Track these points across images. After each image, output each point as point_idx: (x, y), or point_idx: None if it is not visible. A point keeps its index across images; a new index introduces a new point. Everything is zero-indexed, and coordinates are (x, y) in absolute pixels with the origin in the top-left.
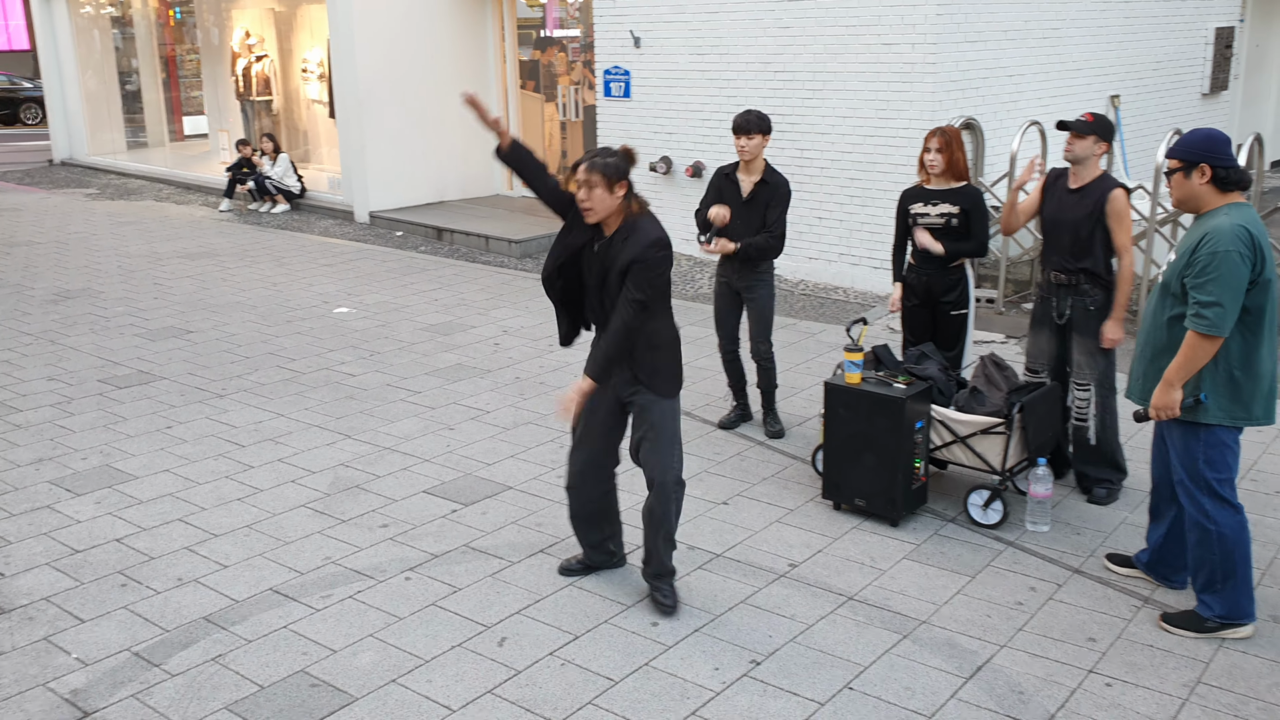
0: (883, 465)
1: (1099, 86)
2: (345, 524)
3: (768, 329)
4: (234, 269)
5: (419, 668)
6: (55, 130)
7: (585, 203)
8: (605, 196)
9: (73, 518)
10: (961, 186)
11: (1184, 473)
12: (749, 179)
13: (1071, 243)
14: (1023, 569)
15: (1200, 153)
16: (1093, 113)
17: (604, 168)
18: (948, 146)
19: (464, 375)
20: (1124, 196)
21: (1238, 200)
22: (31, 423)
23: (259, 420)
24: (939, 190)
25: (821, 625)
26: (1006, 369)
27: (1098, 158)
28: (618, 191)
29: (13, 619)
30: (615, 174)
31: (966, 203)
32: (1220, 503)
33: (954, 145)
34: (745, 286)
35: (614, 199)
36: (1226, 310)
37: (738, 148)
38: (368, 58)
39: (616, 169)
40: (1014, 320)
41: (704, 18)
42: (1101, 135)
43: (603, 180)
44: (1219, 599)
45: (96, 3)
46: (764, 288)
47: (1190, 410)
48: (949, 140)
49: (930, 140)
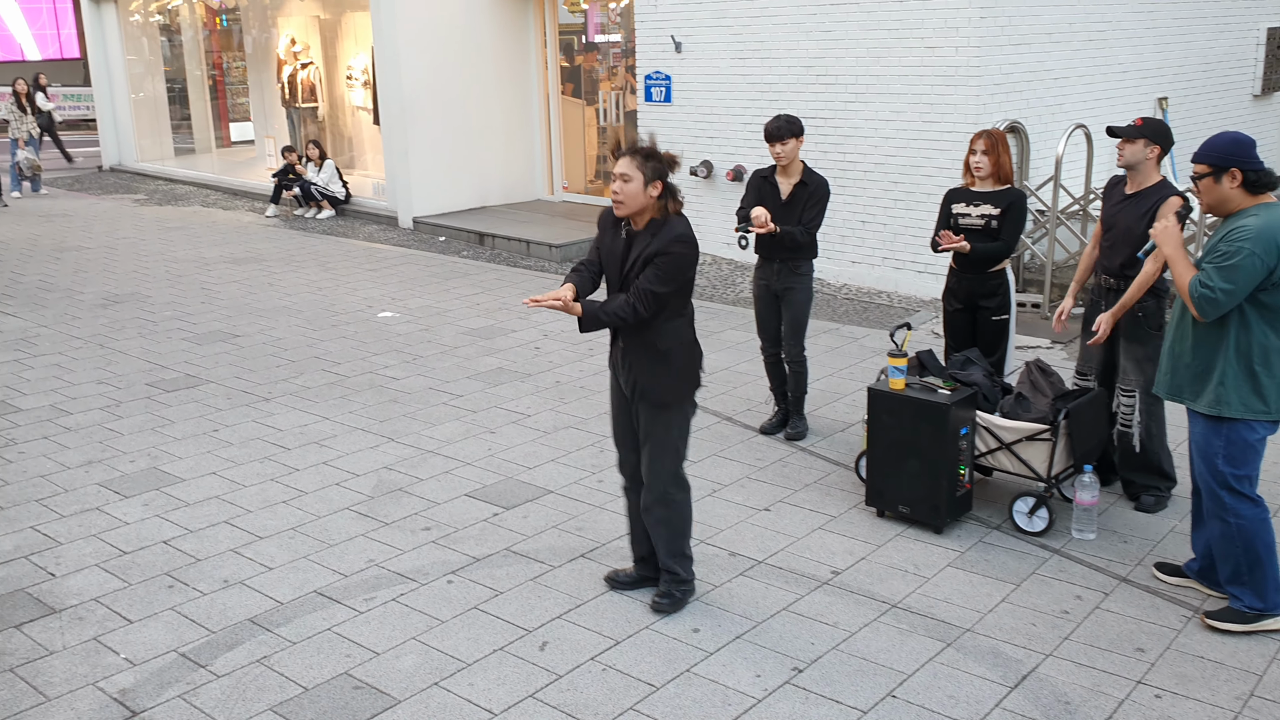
0: (927, 472)
1: (1146, 89)
2: (388, 527)
3: (801, 332)
4: (280, 274)
5: (461, 671)
6: (105, 137)
7: (618, 195)
8: (638, 193)
9: (121, 519)
10: (1005, 189)
11: (1203, 465)
12: (788, 181)
13: (1125, 249)
14: (1069, 577)
15: (1230, 157)
16: (1144, 117)
17: (646, 154)
18: (994, 149)
19: (505, 379)
20: (1179, 205)
21: (1269, 201)
22: (81, 425)
23: (304, 423)
24: (982, 192)
25: (864, 633)
26: (1052, 374)
27: (1153, 162)
28: (651, 191)
29: (63, 619)
30: (653, 173)
31: (1005, 204)
32: (1238, 497)
33: (1000, 148)
34: (783, 289)
35: (646, 196)
36: (1233, 298)
37: (773, 154)
38: (411, 65)
39: (655, 169)
40: None
41: (745, 22)
42: (1153, 138)
43: (641, 176)
44: (1247, 590)
45: (145, 11)
46: (800, 291)
47: (1213, 405)
48: (995, 143)
49: (975, 143)
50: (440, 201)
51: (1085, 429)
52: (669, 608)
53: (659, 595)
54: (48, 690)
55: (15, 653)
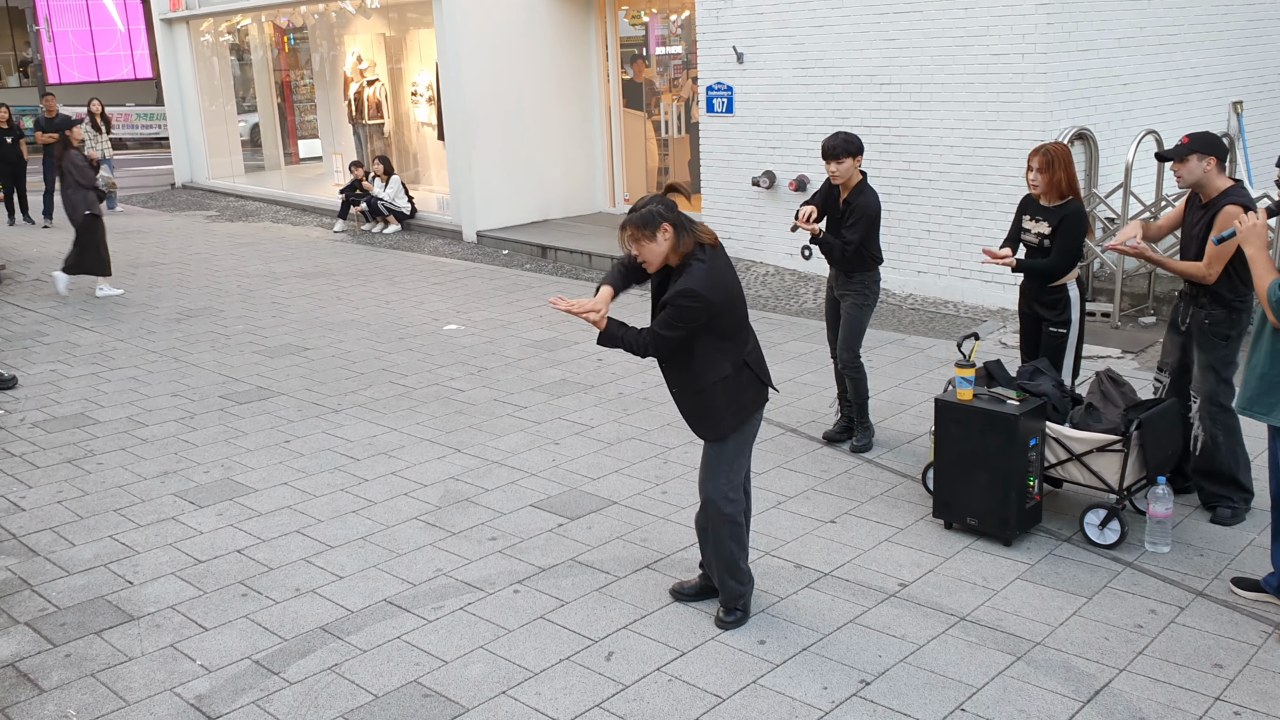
0: (995, 483)
1: (1219, 93)
2: (455, 536)
3: (854, 339)
4: (348, 288)
5: (528, 680)
6: (177, 155)
7: (640, 257)
8: (652, 246)
9: (196, 529)
10: (1062, 204)
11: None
12: (845, 193)
13: (1196, 255)
14: (1142, 591)
15: None
16: (1189, 134)
17: (638, 222)
18: (1048, 166)
19: (568, 390)
20: (1235, 213)
21: None
22: (157, 437)
23: (373, 434)
24: (1043, 208)
25: (932, 645)
26: (1123, 384)
27: (1215, 173)
28: (662, 238)
29: (141, 626)
30: (651, 223)
31: (1057, 220)
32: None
33: (1055, 164)
34: (842, 295)
35: (662, 245)
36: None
37: (828, 172)
38: (475, 80)
39: (650, 218)
40: (1130, 335)
41: (808, 31)
42: (1202, 150)
43: (642, 233)
44: None
45: (216, 32)
46: (856, 296)
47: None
48: (1051, 159)
49: (1032, 159)
50: (503, 215)
51: (1158, 440)
52: (733, 624)
53: (722, 613)
54: (127, 695)
55: (96, 658)
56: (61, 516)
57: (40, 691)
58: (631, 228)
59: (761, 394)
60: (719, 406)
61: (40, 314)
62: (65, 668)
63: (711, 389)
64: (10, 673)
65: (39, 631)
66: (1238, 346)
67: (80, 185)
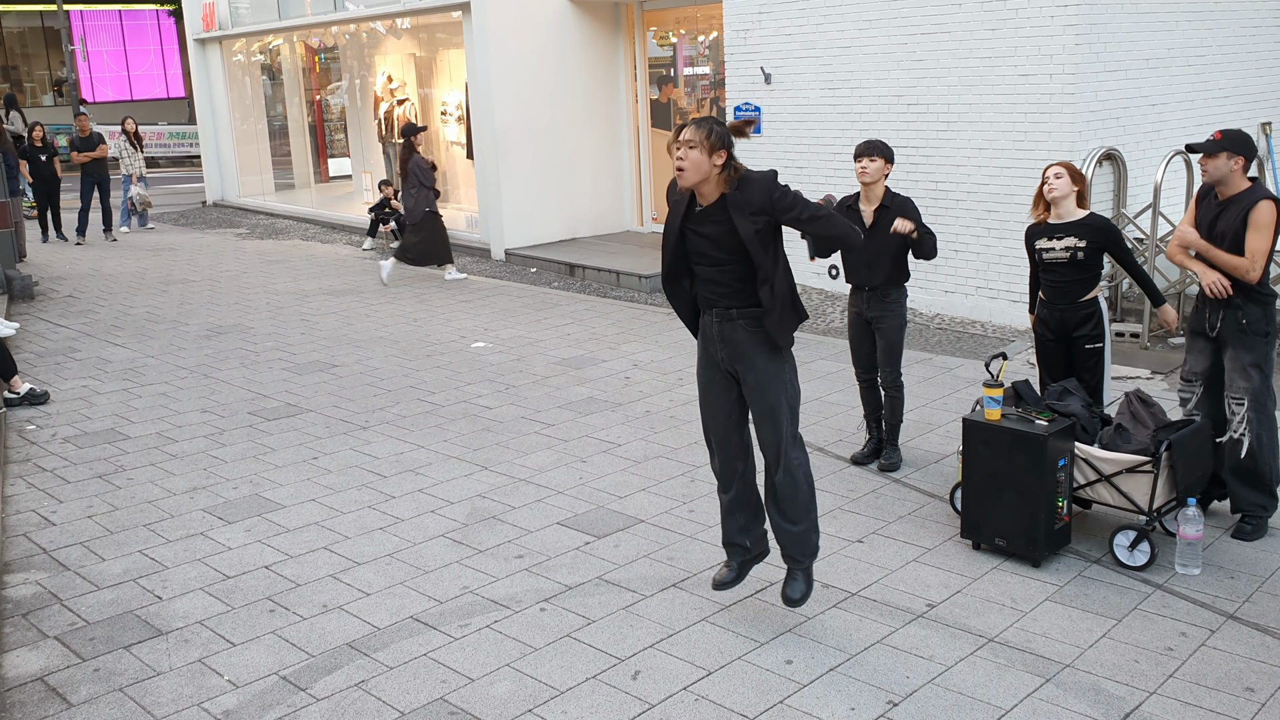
0: (1024, 504)
1: (1248, 114)
2: (482, 554)
3: (897, 358)
4: (376, 305)
5: (554, 699)
6: (209, 173)
7: (680, 162)
8: (702, 160)
9: (224, 545)
10: (1085, 217)
11: None
12: (869, 208)
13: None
14: (1173, 613)
15: None
16: (1222, 130)
17: (708, 130)
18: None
19: (596, 409)
20: (1271, 207)
21: None
22: (186, 453)
23: (400, 451)
24: (1062, 224)
25: (960, 667)
26: (1153, 405)
27: (1239, 172)
28: (715, 159)
29: (169, 641)
30: (717, 141)
31: (1094, 235)
32: None
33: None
34: (875, 316)
35: (710, 165)
36: None
37: (859, 170)
38: (504, 100)
39: (720, 136)
40: (1160, 355)
41: (835, 52)
42: (1233, 149)
43: (704, 142)
44: None
45: (248, 51)
46: (893, 318)
47: None
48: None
49: (1048, 170)
50: (531, 233)
51: (1188, 461)
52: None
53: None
54: (155, 710)
55: (124, 673)
56: (91, 531)
57: (69, 706)
58: (695, 129)
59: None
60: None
61: (72, 330)
62: (94, 682)
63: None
64: (39, 687)
65: (68, 646)
66: (1275, 342)
67: (422, 185)
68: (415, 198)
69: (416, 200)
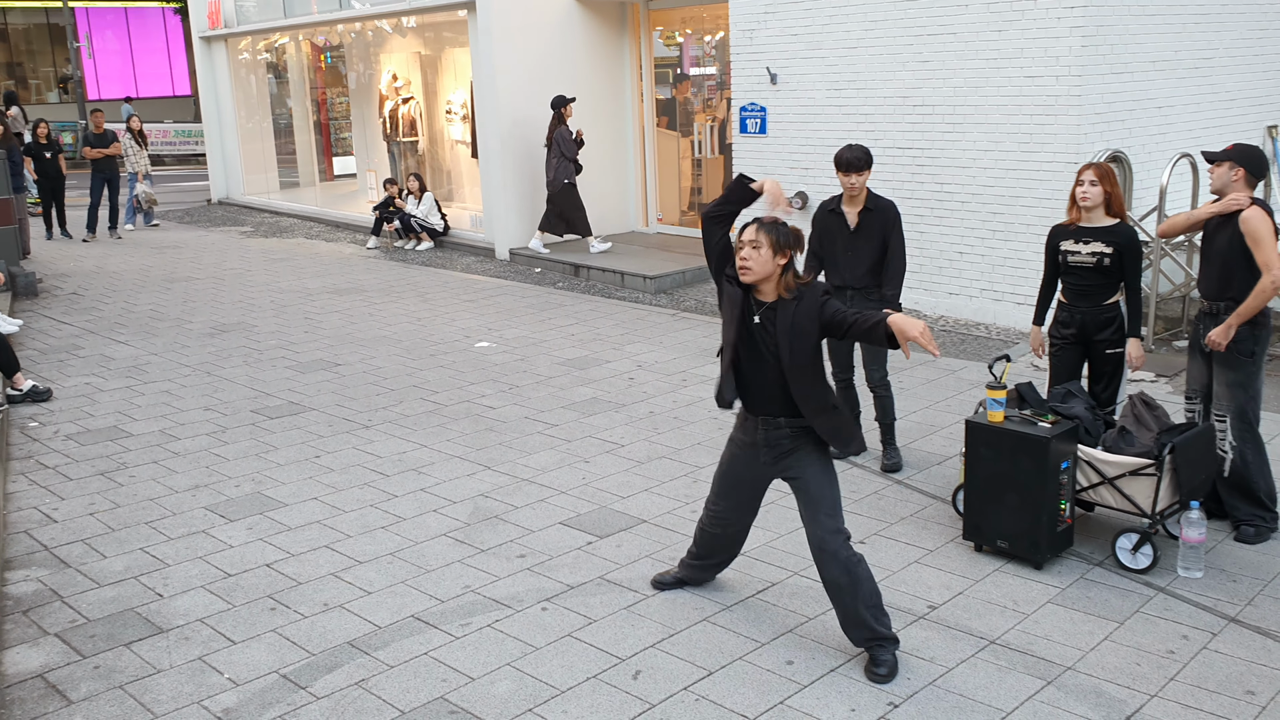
0: (1026, 506)
1: (1255, 117)
2: (484, 553)
3: (883, 359)
4: (380, 304)
5: (555, 698)
6: (214, 171)
7: (746, 261)
8: (768, 261)
9: (226, 543)
10: (1115, 224)
11: None
12: (853, 210)
13: (1217, 272)
14: (1174, 616)
15: None
16: (1235, 143)
17: (774, 233)
18: (1104, 179)
19: (599, 409)
20: (1258, 214)
21: None
22: (189, 450)
23: (403, 450)
24: (1091, 228)
25: (962, 669)
26: (1157, 408)
27: (1239, 183)
28: (779, 260)
29: (170, 638)
30: (784, 242)
31: (1121, 242)
32: None
33: (1109, 179)
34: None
35: (774, 265)
36: None
37: (846, 184)
38: (509, 99)
39: (786, 238)
40: (1165, 359)
41: (841, 53)
42: (1240, 162)
43: (770, 244)
44: None
45: (253, 50)
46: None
47: None
48: (1105, 173)
49: (1084, 173)
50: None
51: (1192, 464)
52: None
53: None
54: (155, 708)
55: (125, 670)
56: (93, 529)
57: (69, 703)
58: (765, 232)
59: None
60: (847, 420)
61: (76, 327)
62: (94, 679)
63: (838, 407)
64: (39, 684)
65: (69, 643)
66: (1263, 362)
67: (564, 157)
68: (556, 169)
69: (557, 171)
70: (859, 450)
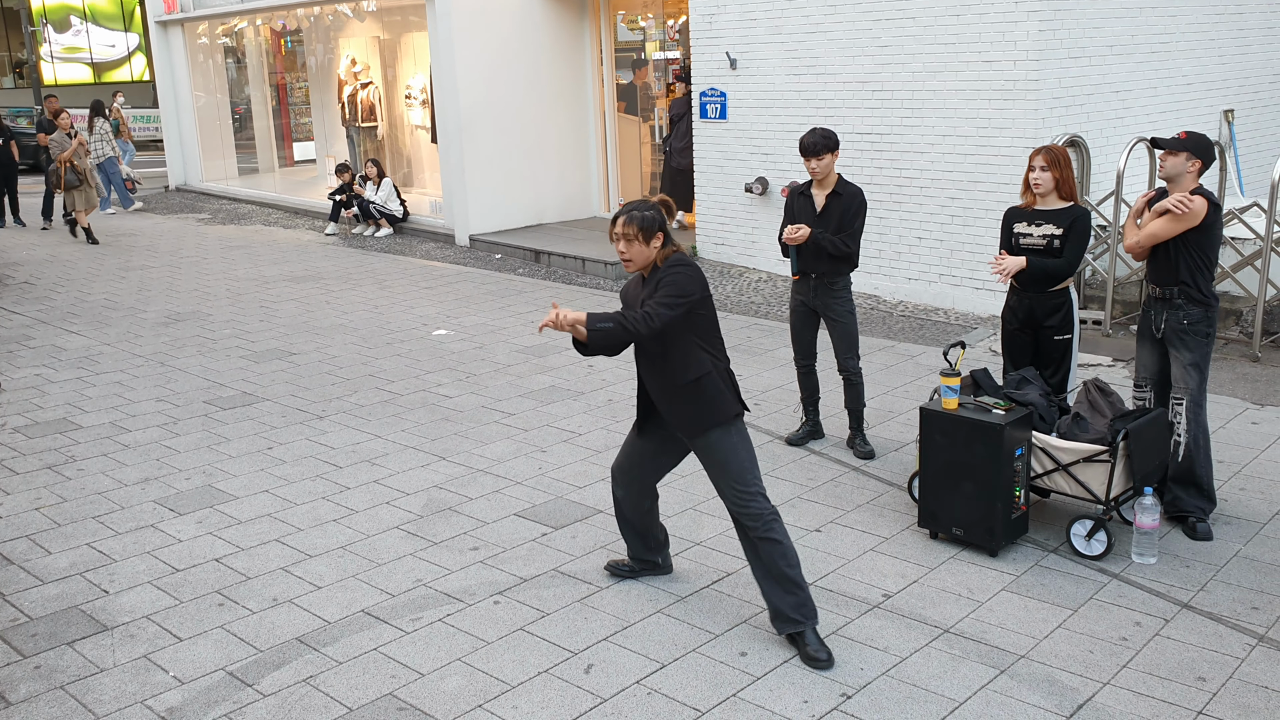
0: (981, 494)
1: (1211, 101)
2: (437, 546)
3: (854, 345)
4: (337, 292)
5: (505, 693)
6: (171, 157)
7: (624, 254)
8: (643, 249)
9: (175, 537)
10: (1068, 207)
11: None
12: (822, 193)
13: (1165, 258)
14: (1128, 603)
15: None
16: (1188, 131)
17: (641, 221)
18: (1054, 164)
19: (557, 397)
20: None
21: None
22: (139, 443)
23: (356, 441)
24: (1044, 210)
25: (915, 658)
26: (1111, 394)
27: (1193, 175)
28: (654, 243)
29: (115, 636)
30: (652, 226)
31: (1069, 222)
32: None
33: (1061, 163)
34: (823, 305)
35: (651, 250)
36: None
37: (809, 169)
38: (469, 84)
39: (653, 221)
40: (1121, 343)
41: (800, 38)
42: (1194, 153)
43: (640, 233)
44: None
45: (211, 35)
46: (841, 305)
47: None
48: (1056, 158)
49: (1035, 159)
50: (496, 219)
51: (1145, 450)
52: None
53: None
54: (96, 708)
55: (66, 670)
56: (39, 524)
57: (7, 705)
58: (629, 225)
59: (739, 406)
60: (711, 394)
61: (27, 317)
62: (34, 680)
63: (697, 382)
64: None
65: (9, 642)
66: (1212, 345)
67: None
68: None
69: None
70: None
